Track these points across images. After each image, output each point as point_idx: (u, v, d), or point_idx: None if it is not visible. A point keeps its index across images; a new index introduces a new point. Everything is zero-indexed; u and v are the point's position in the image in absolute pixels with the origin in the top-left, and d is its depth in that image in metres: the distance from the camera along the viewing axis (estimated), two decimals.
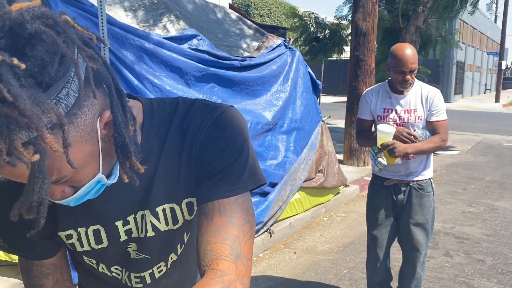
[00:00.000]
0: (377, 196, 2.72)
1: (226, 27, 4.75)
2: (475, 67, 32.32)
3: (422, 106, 2.54)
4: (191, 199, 0.89)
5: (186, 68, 3.56)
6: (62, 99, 0.59)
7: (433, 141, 2.52)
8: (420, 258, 2.71)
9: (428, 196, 2.64)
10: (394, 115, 2.57)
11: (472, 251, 4.17)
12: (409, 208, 2.63)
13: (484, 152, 9.66)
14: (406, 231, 2.68)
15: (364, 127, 2.71)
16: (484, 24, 32.64)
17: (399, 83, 2.50)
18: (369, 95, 2.67)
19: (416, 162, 2.58)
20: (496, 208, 5.54)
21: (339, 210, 5.39)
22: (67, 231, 0.89)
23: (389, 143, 2.44)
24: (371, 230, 2.76)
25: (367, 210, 2.82)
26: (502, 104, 24.80)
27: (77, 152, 0.64)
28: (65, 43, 0.59)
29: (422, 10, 7.86)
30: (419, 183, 2.62)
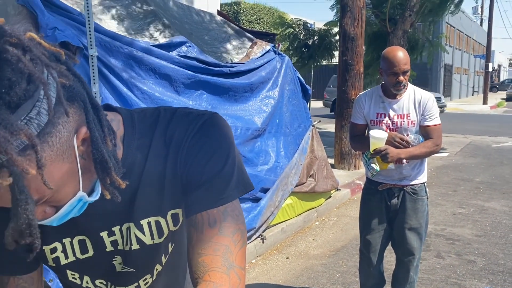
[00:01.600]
0: (371, 201, 2.71)
1: (215, 33, 4.76)
2: (462, 70, 32.69)
3: (415, 110, 2.53)
4: (176, 210, 0.87)
5: (175, 75, 3.56)
6: (33, 118, 0.58)
7: (426, 146, 2.51)
8: (414, 262, 2.70)
9: (422, 201, 2.63)
10: (387, 119, 2.56)
11: (463, 252, 4.20)
12: (402, 213, 2.62)
13: (474, 154, 9.76)
14: (399, 236, 2.67)
15: (358, 131, 2.70)
16: (470, 27, 33.09)
17: (393, 85, 2.47)
18: (362, 99, 2.66)
19: (409, 166, 2.57)
20: (486, 209, 5.59)
21: (331, 214, 5.40)
22: (51, 244, 0.87)
23: (382, 148, 2.43)
24: (364, 235, 2.75)
25: (360, 215, 2.81)
26: (490, 106, 25.10)
27: (54, 171, 0.63)
28: (32, 61, 0.58)
29: (409, 14, 7.95)
30: (412, 187, 2.61)
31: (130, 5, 3.95)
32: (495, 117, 19.72)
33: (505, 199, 6.04)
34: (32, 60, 0.58)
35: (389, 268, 3.36)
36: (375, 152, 2.46)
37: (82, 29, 3.07)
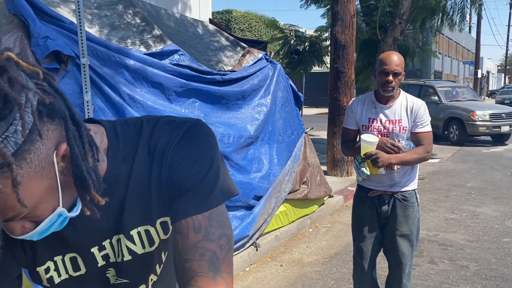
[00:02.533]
0: (362, 207, 2.71)
1: (207, 41, 4.77)
2: (452, 76, 33.03)
3: (407, 116, 2.54)
4: (165, 218, 0.87)
5: (168, 84, 3.56)
6: (10, 137, 0.58)
7: (417, 152, 2.52)
8: (406, 269, 2.69)
9: (412, 207, 2.63)
10: (379, 125, 2.57)
11: (456, 257, 4.21)
12: (393, 219, 2.62)
13: (464, 160, 9.84)
14: (391, 243, 2.67)
15: (349, 136, 2.72)
16: (459, 34, 33.49)
17: (381, 85, 2.49)
18: (354, 104, 2.68)
19: (400, 173, 2.58)
20: (478, 214, 5.63)
21: (324, 221, 5.40)
22: (44, 264, 0.86)
23: (372, 153, 2.44)
24: (357, 242, 2.75)
25: (352, 221, 2.81)
26: None
27: (32, 188, 0.63)
28: (8, 81, 0.58)
29: (399, 22, 8.03)
30: (403, 194, 2.61)
31: (122, 14, 3.95)
32: None
33: (496, 204, 6.09)
34: (8, 80, 0.58)
35: (383, 274, 3.36)
36: (365, 156, 2.46)
37: (74, 38, 3.06)
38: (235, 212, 3.95)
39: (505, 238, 4.74)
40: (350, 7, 6.93)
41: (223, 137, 3.81)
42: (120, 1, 4.04)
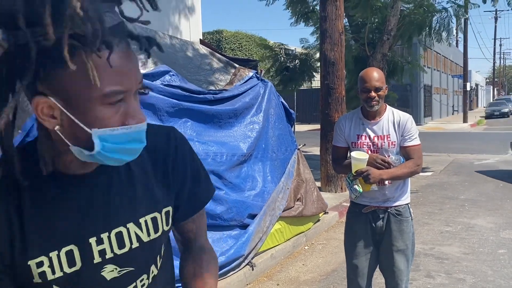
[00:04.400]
0: (356, 224, 2.68)
1: (198, 61, 4.81)
2: (441, 90, 33.44)
3: (395, 131, 2.56)
4: (168, 208, 0.99)
5: (159, 104, 3.57)
6: None
7: (408, 166, 2.53)
8: (403, 285, 2.67)
9: (406, 222, 2.62)
10: (367, 141, 2.59)
11: (452, 270, 4.20)
12: (388, 235, 2.61)
13: (457, 172, 9.89)
14: (387, 259, 2.65)
15: (339, 154, 2.72)
16: (447, 48, 34.04)
17: (365, 101, 2.54)
18: (342, 122, 2.70)
19: (392, 188, 2.58)
20: (473, 226, 5.63)
21: (320, 237, 5.38)
22: (37, 258, 0.83)
23: (363, 169, 2.44)
24: (351, 259, 2.70)
25: (346, 238, 2.77)
26: (470, 124, 25.61)
27: None
28: None
29: (387, 38, 8.16)
30: (397, 209, 2.61)
31: None
32: (476, 135, 20.10)
33: (490, 216, 6.10)
34: None
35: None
36: (357, 173, 2.46)
37: None
38: (230, 231, 3.93)
39: (501, 249, 4.74)
40: (339, 25, 7.04)
41: (216, 155, 3.81)
42: None
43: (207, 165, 3.67)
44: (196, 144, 3.68)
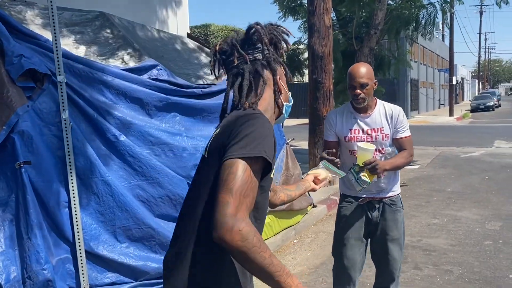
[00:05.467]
0: (350, 216, 2.69)
1: (186, 56, 4.77)
2: (428, 84, 33.73)
3: (388, 124, 2.61)
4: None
5: (147, 99, 3.53)
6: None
7: (404, 156, 2.61)
8: (396, 274, 2.71)
9: (400, 211, 2.69)
10: (361, 134, 2.61)
11: (440, 262, 4.26)
12: (383, 225, 2.65)
13: (444, 165, 10.00)
14: (382, 248, 2.68)
15: (331, 148, 2.67)
16: (433, 43, 34.29)
17: (353, 98, 2.58)
18: (332, 117, 2.70)
19: (386, 179, 2.62)
20: (459, 218, 5.71)
21: (309, 231, 5.40)
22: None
23: (372, 160, 2.44)
24: (344, 251, 2.69)
25: (338, 231, 2.75)
26: (456, 117, 25.91)
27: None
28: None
29: (374, 32, 8.18)
30: (391, 199, 2.67)
31: (99, 30, 3.93)
32: (461, 128, 20.35)
33: (476, 208, 6.19)
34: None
35: (369, 282, 3.37)
36: (365, 164, 2.45)
37: (50, 55, 3.02)
38: None
39: (486, 241, 4.81)
40: (326, 19, 7.04)
41: None
42: (97, 17, 4.02)
43: (196, 160, 3.65)
44: (185, 139, 3.65)
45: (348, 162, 2.65)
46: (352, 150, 2.64)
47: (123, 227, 3.22)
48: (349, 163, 2.63)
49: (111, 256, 3.13)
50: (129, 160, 3.30)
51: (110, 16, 4.10)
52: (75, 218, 3.00)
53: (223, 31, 16.95)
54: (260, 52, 1.46)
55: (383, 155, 2.62)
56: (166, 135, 3.54)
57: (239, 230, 1.15)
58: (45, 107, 2.98)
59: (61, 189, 3.01)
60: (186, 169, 3.60)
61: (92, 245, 3.08)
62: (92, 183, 3.13)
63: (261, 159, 1.25)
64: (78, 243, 3.01)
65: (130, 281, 3.22)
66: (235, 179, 1.20)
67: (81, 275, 3.02)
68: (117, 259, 3.14)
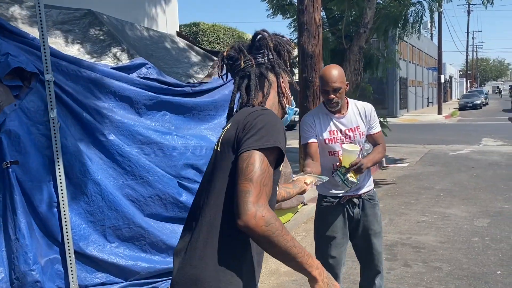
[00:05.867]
0: (332, 215, 2.71)
1: (176, 54, 4.75)
2: (417, 82, 34.00)
3: (362, 122, 2.68)
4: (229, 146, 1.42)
5: (136, 97, 3.51)
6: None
7: (380, 151, 2.70)
8: (381, 267, 2.76)
9: (377, 205, 2.78)
10: (340, 135, 2.64)
11: (429, 259, 4.29)
12: (365, 220, 2.70)
13: (432, 163, 10.09)
14: (365, 243, 2.72)
15: (314, 149, 2.64)
16: (422, 41, 34.57)
17: (326, 102, 2.62)
18: (310, 119, 2.69)
19: (362, 176, 2.64)
20: (448, 216, 5.76)
21: (299, 229, 5.42)
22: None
23: (357, 161, 2.47)
24: (328, 251, 2.70)
25: (320, 231, 2.76)
26: (444, 115, 26.16)
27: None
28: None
29: (363, 31, 8.21)
30: (368, 194, 2.73)
31: (87, 28, 3.89)
32: (450, 126, 20.55)
33: (464, 205, 6.26)
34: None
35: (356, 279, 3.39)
36: (351, 165, 2.47)
37: (37, 54, 2.99)
38: None
39: (475, 237, 4.87)
40: (316, 17, 7.04)
41: (195, 149, 3.78)
42: (85, 15, 3.98)
43: (187, 159, 3.64)
44: (175, 137, 3.64)
45: (328, 164, 2.65)
46: (332, 151, 2.65)
47: (113, 227, 3.20)
48: (329, 164, 2.65)
49: (100, 256, 3.11)
50: (118, 159, 3.27)
51: (98, 14, 4.06)
52: (64, 218, 2.97)
53: (212, 29, 16.88)
54: (266, 56, 1.56)
55: (360, 152, 2.65)
56: (155, 134, 3.52)
57: (262, 216, 1.22)
58: (32, 106, 2.94)
59: (49, 189, 2.98)
60: (176, 168, 3.58)
61: (81, 245, 3.06)
62: (81, 183, 3.10)
63: (276, 149, 1.34)
64: (67, 243, 2.98)
65: (120, 281, 3.20)
66: (254, 169, 1.27)
67: (70, 275, 2.99)
68: (107, 259, 3.12)
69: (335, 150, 2.64)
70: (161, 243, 3.37)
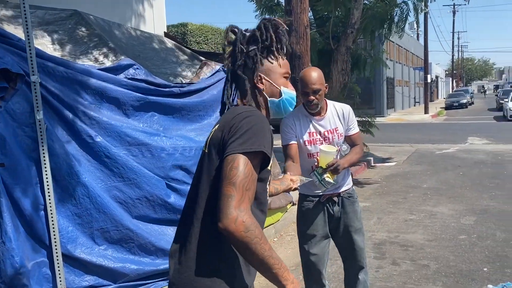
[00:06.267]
0: (313, 214, 2.75)
1: (163, 55, 4.73)
2: (403, 82, 34.29)
3: (341, 123, 2.72)
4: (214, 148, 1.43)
5: (124, 98, 3.49)
6: None
7: (357, 152, 2.75)
8: (364, 262, 2.82)
9: (357, 202, 2.83)
10: (319, 137, 2.68)
11: (417, 257, 4.34)
12: (345, 218, 2.76)
13: (419, 162, 10.19)
14: (346, 240, 2.78)
15: (295, 151, 2.66)
16: (408, 42, 34.88)
17: (306, 104, 2.64)
18: (290, 120, 2.70)
19: (341, 175, 2.70)
20: (435, 214, 5.83)
21: (289, 229, 5.43)
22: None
23: (333, 162, 2.51)
24: (311, 249, 2.74)
25: (302, 229, 2.80)
26: (431, 115, 26.43)
27: None
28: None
29: (351, 31, 8.26)
30: (347, 192, 2.79)
31: (74, 29, 3.85)
32: (436, 125, 20.77)
33: (451, 203, 6.33)
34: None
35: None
36: (328, 166, 2.51)
37: (23, 55, 2.95)
38: None
39: (461, 235, 4.93)
40: (304, 18, 7.06)
41: (184, 150, 3.76)
42: (71, 16, 3.94)
43: (175, 160, 3.63)
44: (163, 138, 3.62)
45: (307, 165, 2.68)
46: (311, 153, 2.68)
47: (101, 229, 3.18)
48: (308, 166, 2.68)
49: (89, 258, 3.08)
50: (105, 161, 3.25)
51: (85, 15, 4.02)
52: (51, 221, 2.94)
53: (200, 30, 16.84)
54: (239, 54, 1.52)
55: (338, 153, 2.69)
56: (143, 135, 3.50)
57: (243, 221, 1.23)
58: (18, 107, 2.91)
59: (36, 192, 2.94)
60: (165, 170, 3.57)
61: (69, 248, 3.03)
62: (68, 185, 3.07)
63: (260, 153, 1.33)
64: (54, 246, 2.95)
65: (109, 284, 3.18)
66: (237, 173, 1.27)
67: (58, 279, 2.96)
68: (95, 261, 3.10)
69: (314, 152, 2.67)
70: (149, 245, 3.36)
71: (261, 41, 1.50)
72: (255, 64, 1.51)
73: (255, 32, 1.52)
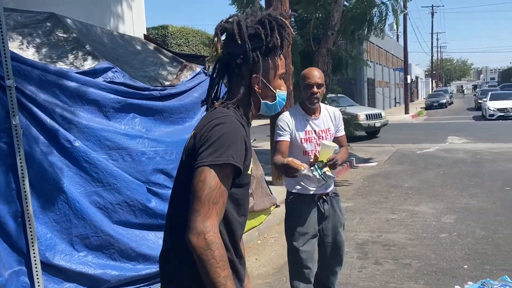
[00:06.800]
0: (305, 212, 2.83)
1: (143, 57, 4.67)
2: (384, 83, 34.68)
3: (333, 124, 2.90)
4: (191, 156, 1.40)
5: (104, 100, 3.43)
6: None
7: (345, 152, 2.98)
8: (344, 255, 2.96)
9: (340, 200, 3.00)
10: (314, 135, 2.82)
11: (399, 256, 4.38)
12: (334, 214, 2.90)
13: (400, 161, 10.31)
14: (335, 235, 2.90)
15: (285, 149, 2.77)
16: (388, 43, 35.29)
17: (307, 98, 2.76)
18: (288, 118, 2.83)
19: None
20: (416, 213, 5.90)
21: (272, 231, 5.43)
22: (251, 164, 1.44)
23: (334, 156, 2.59)
24: (302, 246, 2.79)
25: (293, 227, 2.84)
26: (411, 115, 26.79)
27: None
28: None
29: (331, 33, 8.32)
30: (333, 191, 2.93)
31: (51, 32, 3.78)
32: (417, 125, 21.07)
33: (432, 202, 6.42)
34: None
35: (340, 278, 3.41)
36: (328, 160, 2.57)
37: None
38: None
39: (442, 234, 5.00)
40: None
41: (165, 153, 3.72)
42: (47, 18, 3.86)
43: (156, 164, 3.59)
44: (145, 141, 3.57)
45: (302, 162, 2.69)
46: (306, 150, 2.80)
47: (80, 236, 3.12)
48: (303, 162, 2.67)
49: (68, 266, 3.02)
50: (84, 166, 3.19)
51: (62, 18, 3.95)
52: (29, 228, 2.88)
53: (181, 32, 16.75)
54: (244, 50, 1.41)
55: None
56: (124, 139, 3.45)
57: (205, 238, 1.22)
58: None
59: (13, 198, 2.87)
60: (145, 174, 3.52)
61: (47, 256, 2.96)
62: (46, 191, 3.01)
63: (229, 165, 1.29)
64: (32, 254, 2.88)
65: None
66: (203, 187, 1.25)
67: (37, 287, 2.89)
68: (75, 268, 3.04)
69: (309, 149, 2.80)
70: (130, 250, 3.31)
71: (265, 43, 1.42)
72: (255, 65, 1.43)
73: (259, 30, 1.40)
